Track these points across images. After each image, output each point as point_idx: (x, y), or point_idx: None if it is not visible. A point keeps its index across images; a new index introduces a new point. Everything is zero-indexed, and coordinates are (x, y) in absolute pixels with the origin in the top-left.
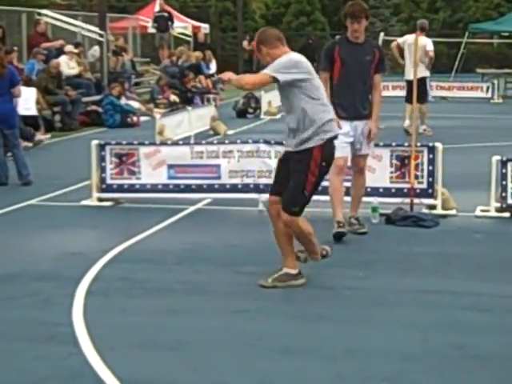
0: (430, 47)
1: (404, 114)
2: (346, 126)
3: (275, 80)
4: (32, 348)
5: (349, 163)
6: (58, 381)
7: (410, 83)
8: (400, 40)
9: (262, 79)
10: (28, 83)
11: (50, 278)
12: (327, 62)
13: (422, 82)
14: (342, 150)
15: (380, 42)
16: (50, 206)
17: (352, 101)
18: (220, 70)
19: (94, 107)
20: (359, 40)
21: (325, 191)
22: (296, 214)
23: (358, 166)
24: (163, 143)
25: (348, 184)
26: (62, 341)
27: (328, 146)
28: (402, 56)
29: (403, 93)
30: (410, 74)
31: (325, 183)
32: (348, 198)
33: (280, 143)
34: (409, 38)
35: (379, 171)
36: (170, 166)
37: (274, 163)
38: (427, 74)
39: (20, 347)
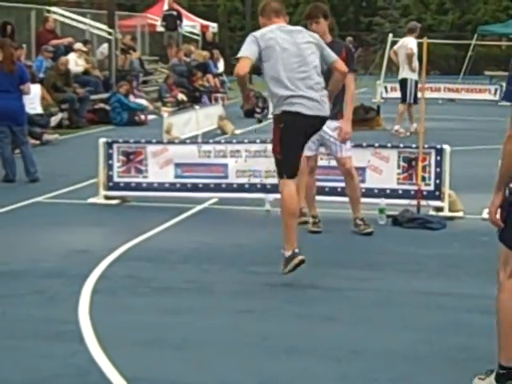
0: (411, 45)
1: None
2: None
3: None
4: (38, 345)
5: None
6: (64, 378)
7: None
8: (395, 47)
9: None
10: (33, 80)
11: (57, 276)
12: None
13: (403, 82)
14: (310, 151)
15: (389, 43)
16: (57, 203)
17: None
18: (228, 69)
19: (101, 105)
20: (325, 41)
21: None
22: (280, 176)
23: (343, 167)
24: (171, 142)
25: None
26: (68, 338)
27: (288, 115)
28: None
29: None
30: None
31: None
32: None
33: None
34: (399, 42)
35: (386, 172)
36: (177, 165)
37: None
38: (410, 75)
39: (26, 345)
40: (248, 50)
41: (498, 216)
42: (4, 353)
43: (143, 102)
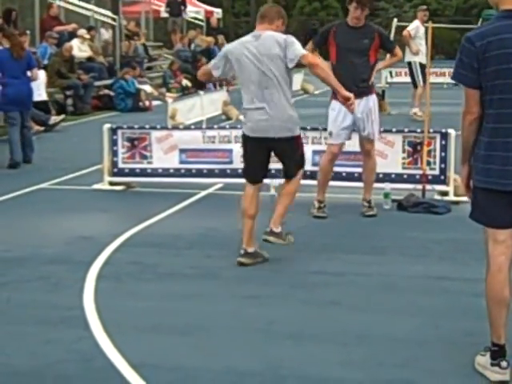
0: (409, 27)
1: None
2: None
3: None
4: (43, 331)
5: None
6: (69, 364)
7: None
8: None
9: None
10: (38, 67)
11: (61, 262)
12: (319, 40)
13: (408, 66)
14: (338, 138)
15: (393, 28)
16: (62, 189)
17: (349, 81)
18: None
19: (106, 91)
20: (359, 24)
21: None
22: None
23: (364, 148)
24: (175, 127)
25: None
26: (73, 324)
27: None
28: None
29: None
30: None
31: (339, 169)
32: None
33: None
34: None
35: (391, 157)
36: (182, 151)
37: None
38: (412, 58)
39: (31, 330)
40: (215, 65)
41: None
42: (9, 339)
43: (147, 87)
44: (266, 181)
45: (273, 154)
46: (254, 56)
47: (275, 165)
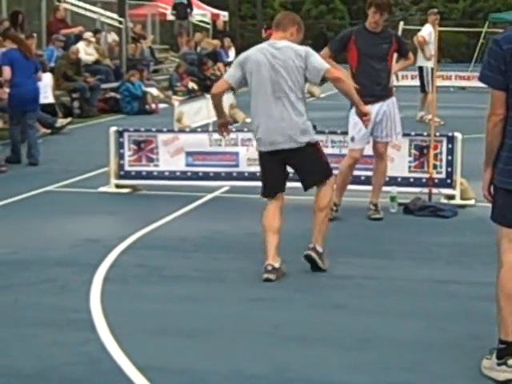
0: (422, 32)
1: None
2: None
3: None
4: (49, 333)
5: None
6: (75, 366)
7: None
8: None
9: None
10: (44, 69)
11: (68, 264)
12: (338, 46)
13: (419, 70)
14: (360, 143)
15: (400, 31)
16: (68, 192)
17: (370, 86)
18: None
19: (112, 94)
20: (377, 29)
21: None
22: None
23: (377, 151)
24: (182, 130)
25: (366, 173)
26: (80, 327)
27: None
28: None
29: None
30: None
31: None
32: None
33: None
34: None
35: (398, 161)
36: (188, 154)
37: None
38: (425, 63)
39: (37, 333)
40: (230, 74)
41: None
42: (15, 341)
43: (153, 90)
44: None
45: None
46: (270, 65)
47: None
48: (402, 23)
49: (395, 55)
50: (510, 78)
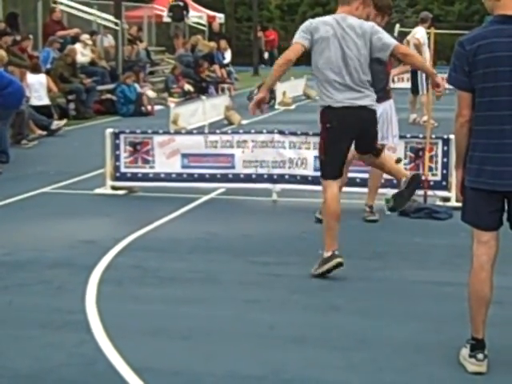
0: (418, 35)
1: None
2: None
3: None
4: (45, 335)
5: None
6: (71, 368)
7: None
8: (408, 37)
9: None
10: (38, 71)
11: (64, 266)
12: None
13: (414, 73)
14: None
15: (395, 33)
16: (64, 193)
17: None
18: (234, 60)
19: (108, 96)
20: None
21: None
22: (323, 177)
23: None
24: (177, 132)
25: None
26: (75, 328)
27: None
28: None
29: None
30: None
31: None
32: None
33: (294, 133)
34: (411, 32)
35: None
36: (184, 155)
37: (288, 153)
38: None
39: (33, 334)
40: (302, 37)
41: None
42: (11, 342)
43: (149, 92)
44: (268, 186)
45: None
46: (340, 40)
47: (277, 170)
48: (398, 25)
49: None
50: (474, 78)
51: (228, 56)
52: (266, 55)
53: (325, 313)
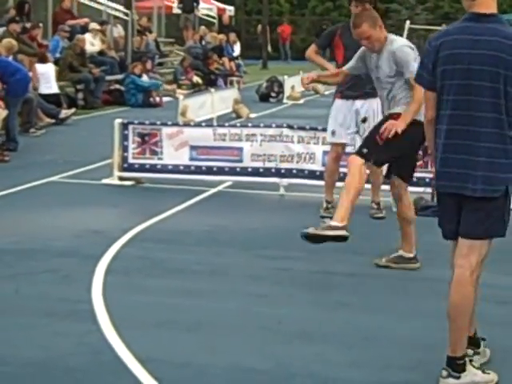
0: None
1: None
2: (350, 106)
3: None
4: (52, 324)
5: None
6: (78, 357)
7: None
8: None
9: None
10: (46, 60)
11: (71, 255)
12: (324, 41)
13: None
14: (341, 137)
15: (406, 30)
16: (72, 183)
17: (356, 83)
18: (243, 53)
19: (116, 86)
20: None
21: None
22: (360, 155)
23: None
24: (186, 124)
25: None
26: (82, 318)
27: None
28: None
29: None
30: None
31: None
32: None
33: (303, 128)
34: None
35: None
36: (193, 148)
37: (296, 148)
38: None
39: (40, 323)
40: None
41: None
42: (18, 331)
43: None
44: (275, 180)
45: None
46: None
47: (285, 164)
48: (408, 22)
49: None
50: (438, 76)
51: (237, 49)
52: (269, 48)
53: (332, 309)
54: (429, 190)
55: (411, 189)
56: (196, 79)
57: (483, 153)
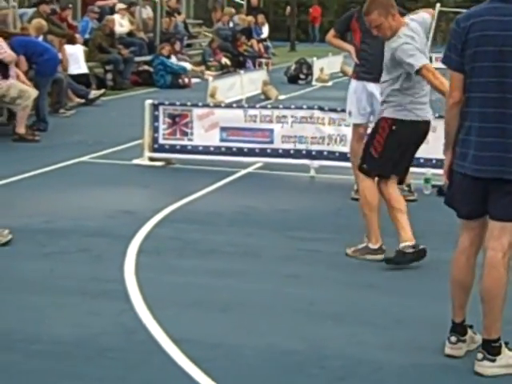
0: None
1: None
2: (364, 88)
3: None
4: (85, 303)
5: None
6: (111, 336)
7: None
8: None
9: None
10: (72, 42)
11: (103, 235)
12: (342, 26)
13: None
14: (358, 118)
15: (436, 13)
16: (102, 163)
17: (373, 66)
18: (271, 35)
19: (145, 67)
20: None
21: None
22: (362, 171)
23: None
24: (217, 105)
25: None
26: (114, 297)
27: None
28: None
29: None
30: None
31: None
32: None
33: (334, 110)
34: None
35: (433, 142)
36: (223, 129)
37: (327, 130)
38: None
39: (73, 302)
40: None
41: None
42: (52, 309)
43: (186, 64)
44: (306, 162)
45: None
46: None
47: (316, 146)
48: (438, 5)
49: None
50: (466, 58)
51: (265, 31)
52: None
53: (363, 291)
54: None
55: (442, 171)
56: (224, 61)
57: None
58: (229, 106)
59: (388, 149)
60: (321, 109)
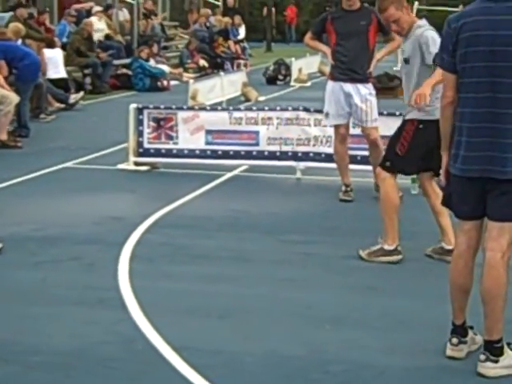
0: None
1: None
2: (341, 89)
3: None
4: (81, 312)
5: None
6: (110, 345)
7: None
8: None
9: None
10: (54, 45)
11: (93, 242)
12: (317, 28)
13: None
14: (335, 118)
15: (415, 10)
16: (87, 168)
17: (347, 66)
18: (247, 36)
19: (124, 70)
20: (354, 7)
21: None
22: (384, 169)
23: (368, 138)
24: (202, 108)
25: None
26: (111, 305)
27: None
28: None
29: None
30: None
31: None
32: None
33: (319, 111)
34: None
35: None
36: (208, 132)
37: (313, 131)
38: None
39: (69, 311)
40: None
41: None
42: (49, 319)
43: (165, 67)
44: (292, 164)
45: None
46: None
47: (302, 148)
48: (416, 3)
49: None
50: (458, 58)
51: (242, 32)
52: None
53: (361, 293)
54: None
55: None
56: (202, 63)
57: (511, 135)
58: (214, 108)
59: (414, 147)
60: (306, 110)
